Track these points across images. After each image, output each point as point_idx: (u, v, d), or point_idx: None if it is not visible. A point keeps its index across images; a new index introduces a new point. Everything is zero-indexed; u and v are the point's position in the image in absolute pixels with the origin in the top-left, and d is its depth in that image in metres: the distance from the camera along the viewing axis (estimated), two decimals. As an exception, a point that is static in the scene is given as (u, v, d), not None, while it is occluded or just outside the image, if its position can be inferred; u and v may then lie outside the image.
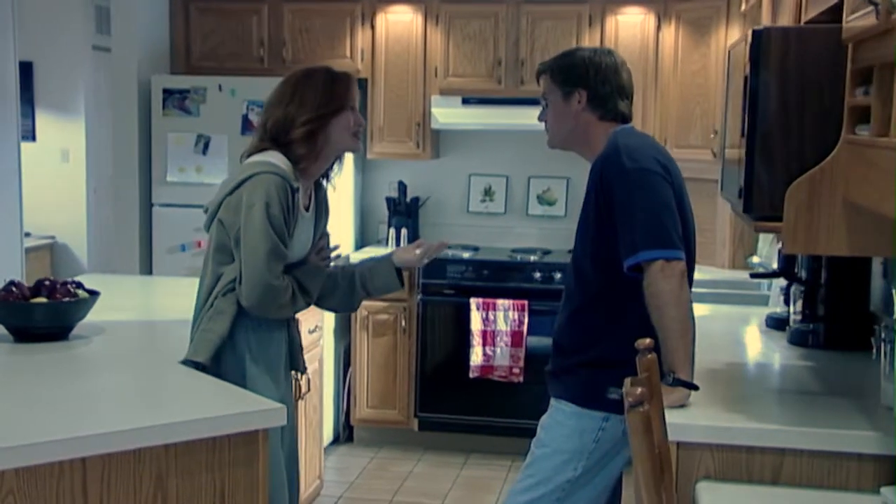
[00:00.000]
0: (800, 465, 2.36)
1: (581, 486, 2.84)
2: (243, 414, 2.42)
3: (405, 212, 5.95)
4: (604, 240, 2.74)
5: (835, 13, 2.53)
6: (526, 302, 5.33)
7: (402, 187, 5.98)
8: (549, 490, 2.84)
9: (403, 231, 5.88)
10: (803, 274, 3.39)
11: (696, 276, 2.86)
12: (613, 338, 2.79)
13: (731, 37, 5.22)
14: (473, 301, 5.35)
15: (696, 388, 2.55)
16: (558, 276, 5.40)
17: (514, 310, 5.33)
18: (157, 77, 5.57)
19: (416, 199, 6.02)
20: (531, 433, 5.39)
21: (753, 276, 3.82)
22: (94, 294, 3.22)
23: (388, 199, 5.99)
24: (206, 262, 2.97)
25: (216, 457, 2.38)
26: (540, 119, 3.01)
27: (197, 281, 2.87)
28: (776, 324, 3.63)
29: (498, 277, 5.46)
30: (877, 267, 3.37)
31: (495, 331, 5.34)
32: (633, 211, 2.63)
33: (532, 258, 5.58)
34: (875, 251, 2.31)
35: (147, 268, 5.61)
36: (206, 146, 5.44)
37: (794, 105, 2.36)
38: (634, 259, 2.61)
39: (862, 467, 2.33)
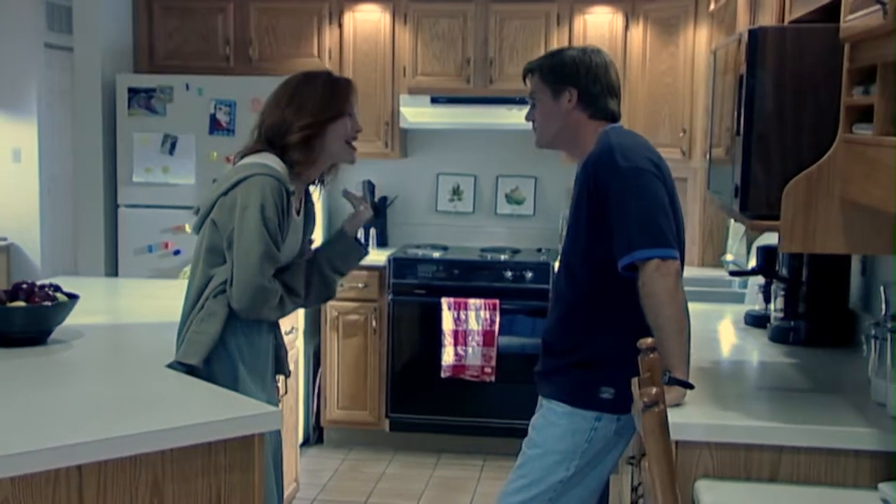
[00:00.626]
0: (797, 463, 2.38)
1: (573, 486, 2.84)
2: (239, 418, 2.38)
3: (373, 211, 5.91)
4: (596, 239, 2.74)
5: (823, 13, 2.56)
6: (497, 301, 5.33)
7: (371, 187, 5.95)
8: (542, 490, 2.83)
9: (372, 231, 5.85)
10: (784, 271, 3.42)
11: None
12: (605, 338, 2.79)
13: (700, 36, 5.26)
14: (445, 301, 5.34)
15: (691, 386, 2.56)
16: (530, 275, 5.40)
17: (485, 309, 5.32)
18: (122, 76, 5.49)
19: (384, 199, 5.99)
20: (503, 432, 5.47)
21: (733, 273, 3.85)
22: (73, 297, 3.16)
23: (356, 199, 5.94)
24: (197, 263, 2.92)
25: (212, 462, 2.35)
26: (527, 118, 3.00)
27: (167, 282, 2.81)
28: (755, 321, 3.66)
29: (469, 277, 5.45)
30: (856, 264, 3.41)
31: (467, 330, 5.33)
32: (627, 210, 2.63)
33: (502, 257, 5.58)
34: (873, 249, 2.33)
35: (112, 270, 5.53)
36: (173, 146, 5.37)
37: (790, 104, 2.37)
38: (629, 258, 2.61)
39: (859, 464, 2.35)
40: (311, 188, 3.11)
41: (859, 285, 3.38)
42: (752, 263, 3.88)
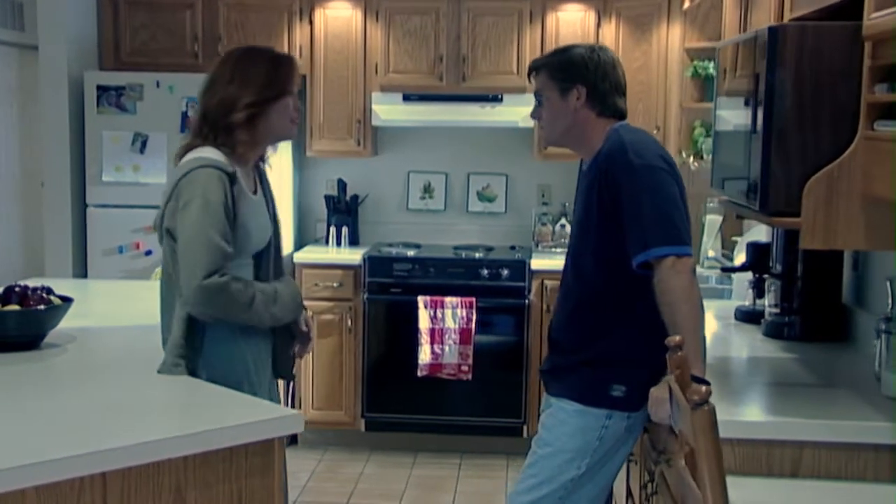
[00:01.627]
0: (819, 458, 2.40)
1: (583, 485, 2.83)
2: (260, 422, 2.34)
3: (345, 210, 5.88)
4: (607, 237, 2.73)
5: (826, 11, 2.58)
6: (474, 299, 5.31)
7: (342, 185, 5.90)
8: (553, 489, 2.82)
9: (344, 230, 5.80)
10: (778, 267, 3.45)
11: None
12: (615, 335, 2.79)
13: (673, 34, 5.29)
14: (421, 299, 5.31)
15: (707, 384, 2.56)
16: (506, 272, 5.39)
17: (462, 307, 5.30)
18: (90, 73, 5.39)
19: (355, 198, 5.95)
20: (480, 431, 5.47)
21: (724, 269, 3.88)
22: (67, 300, 3.09)
23: (327, 198, 5.91)
24: (170, 276, 2.80)
25: (233, 467, 2.31)
26: (533, 116, 2.98)
27: (145, 283, 2.68)
28: (745, 316, 3.69)
29: (445, 275, 5.43)
30: (848, 260, 3.44)
31: (444, 328, 5.31)
32: (641, 208, 2.63)
33: (477, 255, 5.57)
34: (893, 245, 2.35)
35: (81, 271, 5.42)
36: (144, 144, 5.28)
37: (808, 101, 2.39)
38: (645, 256, 2.61)
39: (879, 458, 2.38)
40: (263, 165, 3.04)
41: (851, 280, 3.42)
42: (740, 260, 3.92)
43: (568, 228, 5.79)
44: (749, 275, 3.75)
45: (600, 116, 2.84)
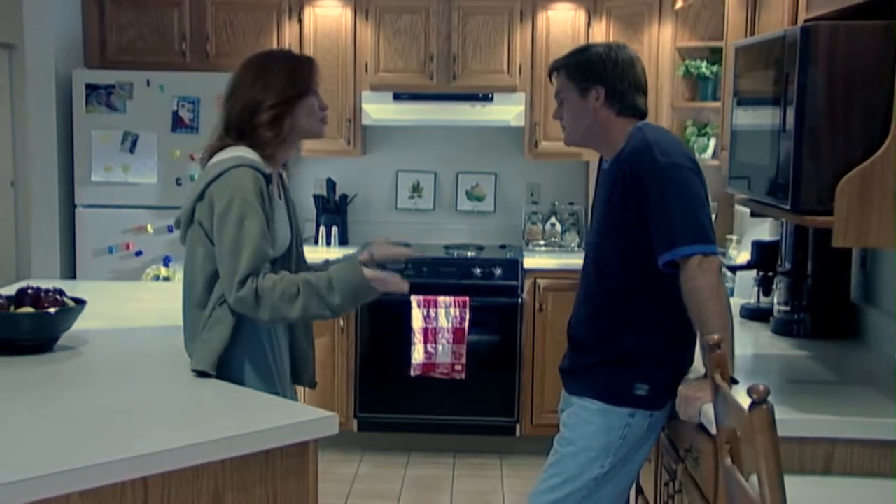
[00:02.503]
0: (850, 455, 2.41)
1: (605, 484, 2.84)
2: (296, 424, 2.32)
3: (334, 209, 5.85)
4: (632, 235, 2.74)
5: (848, 11, 2.60)
6: (467, 298, 5.31)
7: (331, 184, 5.88)
8: (576, 488, 2.82)
9: (334, 229, 5.77)
10: (787, 265, 3.47)
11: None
12: (639, 335, 2.80)
13: (664, 34, 5.31)
14: (414, 298, 5.29)
15: (736, 381, 2.58)
16: (499, 272, 5.39)
17: (455, 306, 5.30)
18: (79, 71, 5.33)
19: (344, 197, 5.92)
20: (473, 430, 5.46)
21: (730, 268, 3.89)
22: (80, 302, 3.04)
23: (316, 197, 5.88)
24: (194, 271, 2.77)
25: (269, 469, 2.29)
26: (555, 117, 2.98)
27: (145, 285, 2.64)
28: (752, 314, 3.71)
29: (438, 274, 5.42)
30: (856, 258, 3.47)
31: (437, 328, 5.30)
32: (668, 207, 2.64)
33: (469, 254, 5.56)
34: (927, 243, 2.37)
35: (70, 272, 5.36)
36: (134, 144, 5.23)
37: (840, 100, 2.40)
38: (672, 255, 2.62)
39: (911, 454, 2.40)
40: (283, 172, 3.02)
41: (859, 278, 3.45)
42: (744, 258, 3.94)
43: (558, 227, 5.81)
44: (753, 273, 3.78)
45: (620, 115, 2.84)
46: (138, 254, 5.25)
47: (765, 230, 4.06)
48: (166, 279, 5.17)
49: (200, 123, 5.19)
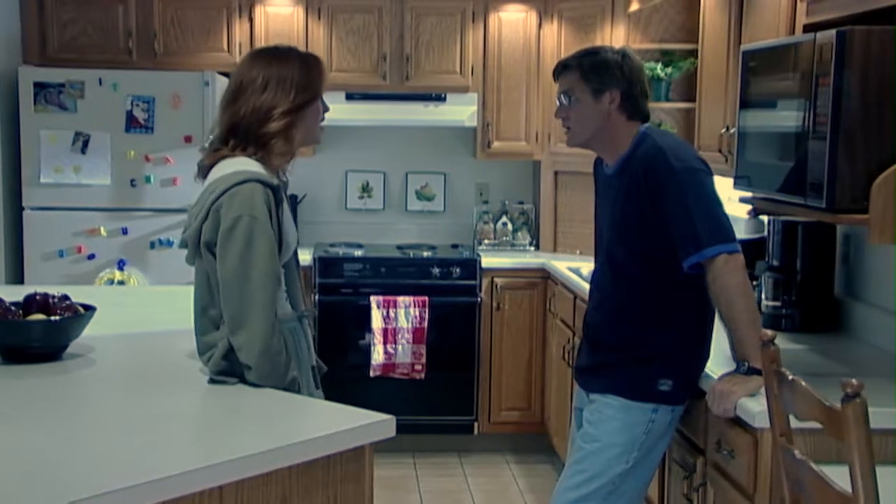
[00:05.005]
0: (885, 444, 2.50)
1: (629, 478, 2.89)
2: (355, 429, 2.34)
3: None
4: (650, 239, 2.80)
5: (853, 18, 2.71)
6: (426, 298, 5.32)
7: (284, 186, 5.80)
8: (602, 484, 2.87)
9: (286, 230, 5.71)
10: (775, 262, 3.58)
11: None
12: (663, 333, 2.86)
13: (617, 37, 5.39)
14: (374, 299, 5.28)
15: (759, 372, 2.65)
16: (457, 271, 5.42)
17: (414, 306, 5.30)
18: (26, 69, 5.15)
19: (294, 197, 5.86)
20: (432, 429, 5.46)
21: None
22: (90, 309, 2.96)
23: (266, 198, 5.80)
24: (208, 290, 2.66)
25: (330, 474, 2.28)
26: (558, 116, 3.00)
27: (123, 289, 2.51)
28: (734, 310, 3.81)
29: (397, 274, 5.42)
30: (839, 254, 3.60)
31: (396, 328, 5.30)
32: (688, 210, 2.70)
33: (426, 254, 5.57)
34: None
35: (17, 276, 5.18)
36: (86, 144, 5.08)
37: (874, 102, 2.50)
38: (699, 256, 2.68)
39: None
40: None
41: (842, 273, 3.58)
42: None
43: (510, 227, 5.85)
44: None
45: (629, 120, 2.90)
46: (90, 257, 5.11)
47: (739, 228, 4.16)
48: (121, 283, 5.06)
49: (156, 123, 5.07)
